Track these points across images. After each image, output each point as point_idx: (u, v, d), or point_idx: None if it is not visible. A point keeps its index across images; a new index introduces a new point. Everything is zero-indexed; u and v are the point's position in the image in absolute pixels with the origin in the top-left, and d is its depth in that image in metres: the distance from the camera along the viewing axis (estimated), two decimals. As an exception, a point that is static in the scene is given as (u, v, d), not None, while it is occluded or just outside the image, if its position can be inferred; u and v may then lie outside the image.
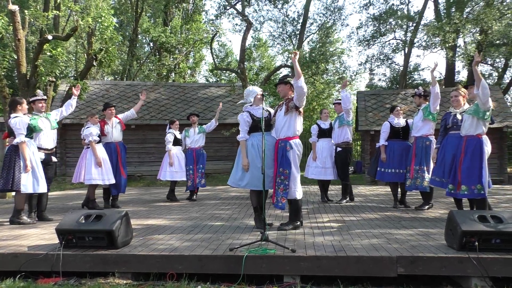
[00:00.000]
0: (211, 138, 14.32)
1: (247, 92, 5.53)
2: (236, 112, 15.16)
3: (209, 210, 7.30)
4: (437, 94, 6.61)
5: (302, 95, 5.06)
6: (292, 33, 23.72)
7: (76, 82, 12.39)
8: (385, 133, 7.25)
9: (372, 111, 14.44)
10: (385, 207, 7.33)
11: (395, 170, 7.08)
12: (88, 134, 7.21)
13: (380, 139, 7.34)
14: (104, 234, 4.26)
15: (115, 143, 7.64)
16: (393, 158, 7.10)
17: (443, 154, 5.95)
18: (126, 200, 9.01)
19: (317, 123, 8.34)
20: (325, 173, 7.97)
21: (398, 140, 7.20)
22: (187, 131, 8.86)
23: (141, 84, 17.32)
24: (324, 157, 7.96)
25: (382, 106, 14.66)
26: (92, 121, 7.46)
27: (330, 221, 5.97)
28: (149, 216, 6.62)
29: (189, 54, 25.95)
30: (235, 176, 5.40)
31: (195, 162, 8.64)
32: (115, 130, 7.67)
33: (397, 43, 22.35)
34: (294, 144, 5.19)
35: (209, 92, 16.86)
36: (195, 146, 8.71)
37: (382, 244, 4.41)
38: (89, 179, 7.15)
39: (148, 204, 8.31)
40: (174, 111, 15.32)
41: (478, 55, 5.21)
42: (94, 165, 7.15)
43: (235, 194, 9.83)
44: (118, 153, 7.60)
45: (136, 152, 14.81)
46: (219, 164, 14.96)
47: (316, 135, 8.17)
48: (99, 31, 12.52)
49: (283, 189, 5.13)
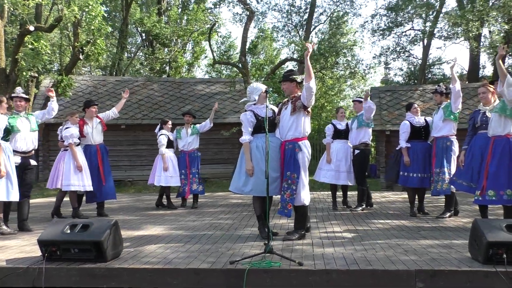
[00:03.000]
0: (209, 140, 14.33)
1: (250, 90, 5.54)
2: (237, 111, 15.17)
3: (208, 218, 7.30)
4: (458, 93, 6.62)
5: (311, 96, 5.14)
6: (299, 24, 23.74)
7: (60, 78, 12.43)
8: (406, 133, 7.24)
9: (387, 109, 14.42)
10: (402, 215, 7.31)
11: (421, 174, 7.07)
12: (68, 135, 7.19)
13: (400, 140, 7.32)
14: (91, 245, 4.26)
15: (96, 145, 7.65)
16: (417, 161, 7.09)
17: (471, 156, 5.93)
18: (115, 208, 9.01)
19: (332, 123, 8.37)
20: (338, 177, 7.99)
21: (420, 140, 7.20)
22: (179, 131, 8.85)
23: (132, 80, 17.35)
24: (338, 160, 7.98)
25: (399, 104, 14.64)
26: (72, 120, 7.42)
27: (342, 231, 5.96)
28: (141, 226, 6.62)
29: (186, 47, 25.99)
30: (238, 181, 5.41)
31: (188, 166, 8.66)
32: (95, 131, 7.67)
33: (415, 34, 22.34)
34: (303, 145, 5.20)
35: (208, 88, 16.87)
36: (188, 149, 8.73)
37: (399, 257, 4.40)
38: (67, 185, 7.14)
39: (140, 212, 8.31)
40: (168, 109, 15.33)
41: (502, 48, 5.20)
42: (73, 169, 7.15)
43: (236, 201, 9.83)
44: (98, 156, 7.62)
45: (127, 155, 14.83)
46: (218, 168, 14.96)
47: (331, 135, 8.20)
48: (86, 21, 12.55)
49: (290, 195, 5.13)
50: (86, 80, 16.89)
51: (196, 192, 8.73)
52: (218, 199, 10.42)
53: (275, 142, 5.39)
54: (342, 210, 8.05)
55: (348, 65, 18.96)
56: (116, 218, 6.29)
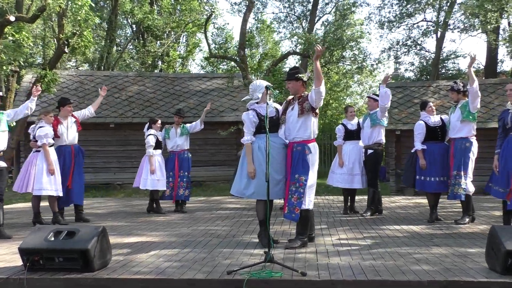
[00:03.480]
0: (205, 140, 14.33)
1: (254, 87, 5.57)
2: (235, 108, 15.17)
3: (203, 225, 7.30)
4: (477, 93, 6.65)
5: (320, 99, 5.25)
6: (302, 14, 23.76)
7: (44, 73, 12.43)
8: (421, 134, 7.25)
9: (397, 107, 14.41)
10: (413, 221, 7.32)
11: (438, 178, 7.08)
12: (43, 135, 7.16)
13: (415, 142, 7.32)
14: (77, 254, 4.26)
15: (70, 146, 7.66)
16: (434, 163, 7.10)
17: (504, 160, 5.94)
18: (103, 213, 9.02)
19: (343, 123, 8.40)
20: (352, 180, 8.03)
21: (437, 141, 7.21)
22: (168, 131, 8.85)
23: (121, 75, 17.34)
24: (351, 163, 8.01)
25: (410, 101, 14.63)
26: (46, 119, 7.36)
27: (348, 238, 5.97)
28: (131, 233, 6.62)
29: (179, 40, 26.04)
30: (239, 184, 5.46)
31: (176, 168, 8.66)
32: (70, 131, 7.67)
33: (428, 26, 22.36)
34: (312, 147, 5.27)
35: (203, 84, 16.88)
36: (177, 150, 8.75)
37: (410, 266, 4.40)
38: (38, 189, 7.13)
39: (130, 218, 8.32)
40: (161, 107, 15.33)
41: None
42: (46, 172, 7.15)
43: (234, 206, 9.84)
44: (72, 158, 7.61)
45: (116, 156, 14.82)
46: (214, 170, 14.95)
47: (342, 137, 8.23)
48: (72, 11, 12.55)
49: (298, 198, 5.19)
50: (71, 75, 16.89)
51: (180, 198, 8.74)
52: (214, 204, 10.43)
53: (277, 142, 5.41)
54: (349, 216, 8.05)
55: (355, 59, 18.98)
56: (104, 224, 6.29)
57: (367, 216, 7.84)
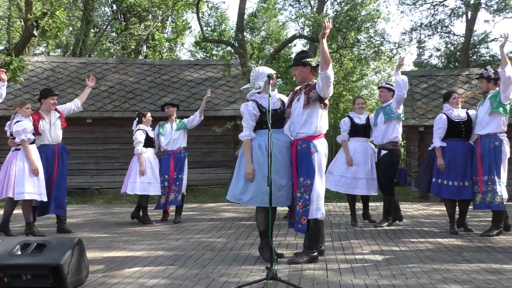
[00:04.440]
0: (198, 137, 14.29)
1: (255, 74, 5.56)
2: (232, 101, 15.17)
3: (195, 236, 7.30)
4: (509, 79, 6.60)
5: (328, 86, 5.19)
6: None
7: (9, 59, 12.42)
8: (441, 130, 7.24)
9: (421, 99, 14.41)
10: (439, 233, 7.32)
11: (457, 182, 7.07)
12: (21, 130, 7.17)
13: (433, 138, 7.32)
14: (48, 270, 4.25)
15: (54, 145, 7.67)
16: (454, 165, 7.09)
17: None
18: (79, 222, 9.02)
19: (349, 116, 8.37)
20: (355, 185, 7.98)
21: (460, 139, 7.20)
22: (162, 126, 8.88)
23: (100, 62, 17.34)
24: (355, 164, 7.97)
25: (435, 93, 14.63)
26: (23, 112, 7.36)
27: (363, 252, 5.96)
28: (111, 245, 6.61)
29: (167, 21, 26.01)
30: (236, 188, 5.45)
31: (172, 170, 8.67)
32: (54, 127, 7.68)
33: (457, 6, 22.34)
34: (319, 145, 5.21)
35: (195, 73, 16.88)
36: (173, 148, 8.74)
37: (436, 285, 4.40)
38: (20, 192, 7.14)
39: (111, 228, 8.32)
40: (146, 99, 15.32)
41: None
42: (28, 173, 7.16)
43: (231, 215, 9.84)
44: (56, 159, 7.62)
45: (94, 156, 14.81)
46: (208, 173, 14.95)
47: (347, 131, 8.20)
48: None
49: (303, 206, 5.17)
50: (42, 62, 16.88)
51: (173, 203, 8.73)
52: (208, 212, 10.43)
53: (282, 140, 5.40)
54: (364, 226, 8.05)
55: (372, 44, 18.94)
56: (80, 235, 6.29)
57: (383, 227, 7.83)
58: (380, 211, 8.95)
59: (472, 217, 8.30)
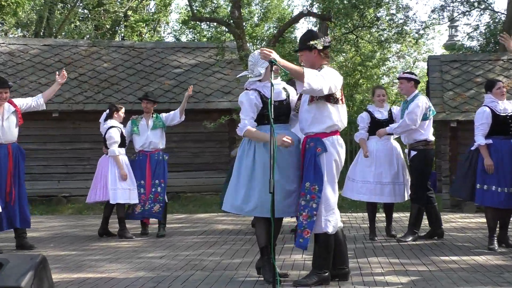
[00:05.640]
0: (185, 134, 14.30)
1: (254, 59, 5.53)
2: (227, 91, 15.15)
3: (183, 253, 7.31)
4: None
5: (319, 93, 5.08)
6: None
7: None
8: (485, 125, 7.25)
9: (453, 89, 14.41)
10: (476, 249, 7.33)
11: (508, 188, 7.07)
12: None
13: (476, 136, 7.31)
14: (6, 294, 4.27)
15: (7, 145, 7.67)
16: (502, 168, 7.10)
17: None
18: (44, 236, 9.02)
19: (367, 110, 8.40)
20: (381, 191, 8.02)
21: (508, 137, 7.22)
22: (135, 123, 8.88)
23: (68, 45, 17.32)
24: (379, 167, 8.01)
25: (471, 81, 14.64)
26: None
27: (385, 273, 5.97)
28: (82, 264, 6.62)
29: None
30: (235, 196, 5.41)
31: (148, 175, 8.71)
32: (7, 123, 7.67)
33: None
34: (329, 143, 5.18)
35: (183, 58, 16.86)
36: (150, 149, 8.79)
37: (470, 311, 4.42)
38: None
39: (81, 243, 8.33)
40: (124, 88, 15.30)
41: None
42: None
43: (226, 227, 9.85)
44: (10, 162, 7.63)
45: (61, 158, 14.79)
46: (199, 177, 14.93)
47: (365, 128, 8.23)
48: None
49: (308, 216, 5.10)
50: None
51: (149, 214, 8.72)
52: (198, 224, 10.44)
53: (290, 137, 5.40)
54: (384, 240, 8.06)
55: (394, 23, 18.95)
56: (44, 252, 6.29)
57: (408, 241, 7.84)
58: (404, 223, 8.96)
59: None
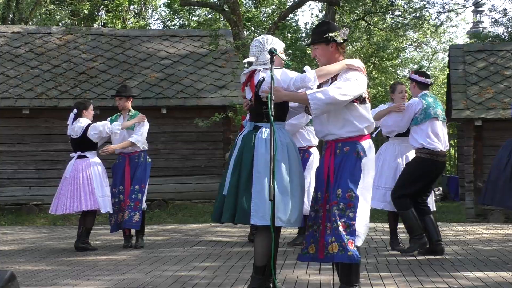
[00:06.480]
0: (174, 134, 14.32)
1: (261, 43, 5.46)
2: (221, 85, 15.16)
3: (171, 268, 7.32)
4: None
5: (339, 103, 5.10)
6: None
7: None
8: None
9: (477, 83, 14.45)
10: (502, 264, 7.34)
11: None
12: None
13: None
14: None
15: None
16: None
17: None
18: (13, 250, 9.05)
19: None
20: None
21: None
22: (114, 121, 8.96)
23: (41, 32, 17.33)
24: (400, 170, 8.08)
25: (499, 74, 14.68)
26: None
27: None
28: (57, 281, 6.61)
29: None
30: (284, 208, 5.30)
31: (128, 181, 8.79)
32: None
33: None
34: (367, 147, 5.19)
35: (171, 47, 16.88)
36: (128, 151, 8.89)
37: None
38: None
39: (55, 257, 8.34)
40: (104, 82, 15.32)
41: None
42: None
43: (220, 239, 9.87)
44: None
45: (33, 161, 14.80)
46: (189, 182, 14.94)
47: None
48: None
49: (347, 226, 5.02)
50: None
51: (128, 224, 8.77)
52: (189, 236, 10.45)
53: (288, 136, 5.44)
54: (399, 254, 8.09)
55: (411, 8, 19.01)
56: (13, 268, 6.32)
57: (414, 255, 7.88)
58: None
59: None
